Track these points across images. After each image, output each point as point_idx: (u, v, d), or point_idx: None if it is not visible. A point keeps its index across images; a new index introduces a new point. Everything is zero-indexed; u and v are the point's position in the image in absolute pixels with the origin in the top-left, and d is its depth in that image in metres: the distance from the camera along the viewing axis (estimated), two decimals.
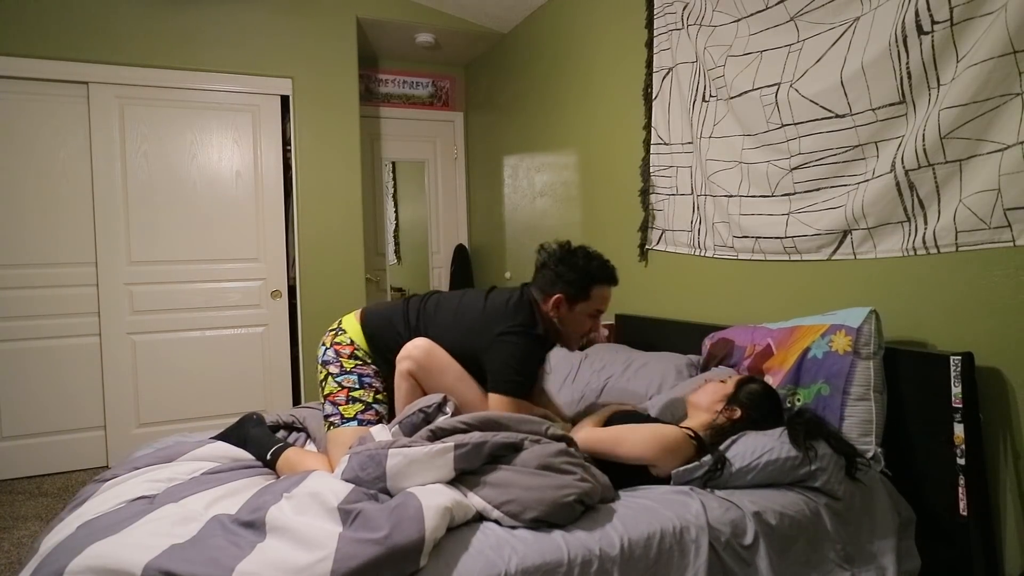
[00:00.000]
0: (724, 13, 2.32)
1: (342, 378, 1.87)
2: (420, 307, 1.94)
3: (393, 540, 1.19)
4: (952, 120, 1.61)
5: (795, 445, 1.58)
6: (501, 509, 1.36)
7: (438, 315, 1.90)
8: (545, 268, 1.87)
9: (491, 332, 1.80)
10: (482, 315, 1.84)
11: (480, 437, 1.47)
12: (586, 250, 1.88)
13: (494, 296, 1.90)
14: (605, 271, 1.86)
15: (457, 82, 4.81)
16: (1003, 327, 1.60)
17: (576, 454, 1.51)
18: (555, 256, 1.86)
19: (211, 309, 3.66)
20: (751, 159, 2.23)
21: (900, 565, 1.57)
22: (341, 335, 1.93)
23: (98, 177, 3.41)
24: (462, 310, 1.88)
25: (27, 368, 3.33)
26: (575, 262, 1.83)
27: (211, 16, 3.58)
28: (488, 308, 1.85)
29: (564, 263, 1.83)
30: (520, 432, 1.52)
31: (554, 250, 1.88)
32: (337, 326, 1.97)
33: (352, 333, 1.92)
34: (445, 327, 1.86)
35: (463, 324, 1.85)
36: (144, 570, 1.13)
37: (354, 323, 1.94)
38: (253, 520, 1.29)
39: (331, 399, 1.86)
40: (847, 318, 1.80)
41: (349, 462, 1.48)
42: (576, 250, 1.87)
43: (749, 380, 1.79)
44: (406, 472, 1.42)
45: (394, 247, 5.00)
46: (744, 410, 1.71)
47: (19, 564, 2.30)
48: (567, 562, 1.28)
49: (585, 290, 1.83)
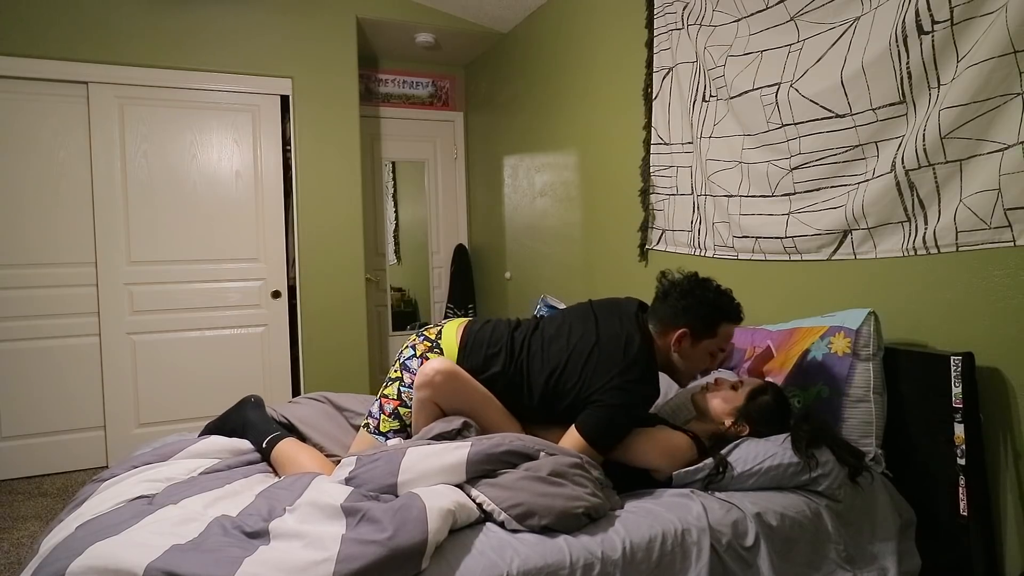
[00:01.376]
0: (724, 13, 2.32)
1: (407, 391, 1.76)
2: (523, 345, 1.78)
3: (396, 541, 1.19)
4: (952, 120, 1.61)
5: (797, 452, 1.58)
6: (509, 512, 1.36)
7: (540, 352, 1.75)
8: (668, 298, 1.74)
9: (601, 379, 1.64)
10: (597, 362, 1.67)
11: (497, 440, 1.49)
12: (716, 283, 1.76)
13: (608, 332, 1.72)
14: (735, 308, 1.74)
15: (457, 82, 4.80)
16: (1003, 327, 1.60)
17: (591, 470, 1.51)
18: (681, 287, 1.74)
19: (211, 309, 3.66)
20: (751, 159, 2.23)
21: (901, 566, 1.58)
22: (436, 352, 1.80)
23: (98, 177, 3.40)
24: (574, 351, 1.71)
25: (27, 368, 3.32)
26: (706, 296, 1.71)
27: (211, 16, 3.57)
28: (603, 354, 1.68)
29: (692, 296, 1.71)
30: (539, 445, 1.53)
31: (679, 280, 1.76)
32: (435, 339, 1.82)
33: (449, 355, 1.79)
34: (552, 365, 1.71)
35: (574, 366, 1.69)
36: (146, 571, 1.13)
37: (453, 344, 1.80)
38: (257, 531, 1.29)
39: (384, 402, 1.79)
40: (846, 320, 1.80)
41: (359, 461, 1.49)
42: (707, 282, 1.75)
43: (761, 391, 1.74)
44: (419, 469, 1.43)
45: (394, 247, 5.00)
46: (753, 426, 1.70)
47: (19, 564, 2.30)
48: (569, 565, 1.28)
49: (713, 326, 1.71)
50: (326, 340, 3.83)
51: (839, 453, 1.59)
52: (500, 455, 1.46)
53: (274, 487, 1.50)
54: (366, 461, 1.50)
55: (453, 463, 1.44)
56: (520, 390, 1.74)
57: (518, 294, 4.17)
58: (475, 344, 1.79)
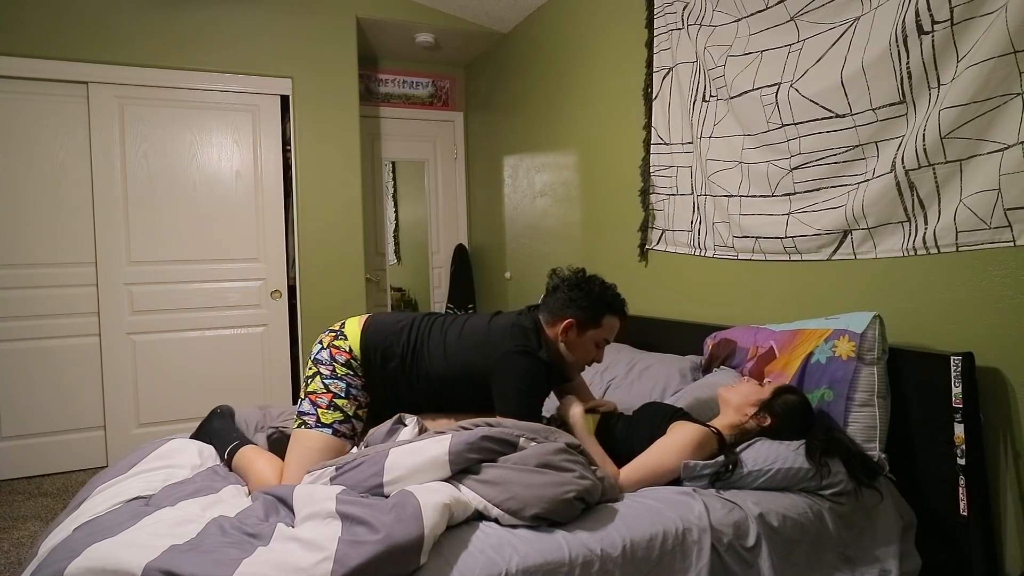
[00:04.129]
0: (724, 13, 2.32)
1: (331, 382, 1.83)
2: (422, 326, 1.90)
3: (393, 538, 1.19)
4: (952, 120, 1.61)
5: (810, 461, 1.57)
6: (501, 507, 1.36)
7: (439, 334, 1.86)
8: (557, 292, 1.85)
9: (495, 352, 1.76)
10: (486, 335, 1.81)
11: (479, 430, 1.49)
12: (601, 279, 1.87)
13: (499, 318, 1.88)
14: (618, 301, 1.86)
15: (457, 82, 4.80)
16: (1003, 327, 1.60)
17: (576, 453, 1.51)
18: (569, 281, 1.85)
19: (211, 309, 3.65)
20: (751, 159, 2.23)
21: (902, 567, 1.57)
22: (341, 340, 1.89)
23: (98, 177, 3.40)
24: (466, 331, 1.85)
25: (27, 368, 3.32)
26: (591, 288, 1.83)
27: (211, 16, 3.57)
28: (492, 329, 1.83)
29: (579, 288, 1.82)
30: (518, 430, 1.52)
31: (568, 275, 1.88)
32: (339, 328, 1.93)
33: (352, 341, 1.88)
34: (446, 346, 1.83)
35: (466, 343, 1.82)
36: (144, 571, 1.13)
37: (356, 331, 1.90)
38: (255, 532, 1.30)
39: (312, 399, 1.82)
40: (851, 323, 1.79)
41: (338, 468, 1.50)
42: (592, 278, 1.87)
43: (788, 390, 1.75)
44: (405, 465, 1.43)
45: (394, 247, 5.00)
46: (776, 419, 1.69)
47: (19, 564, 2.30)
48: (568, 562, 1.28)
49: (597, 317, 1.82)
50: None
51: (852, 469, 1.58)
52: (479, 442, 1.46)
53: (263, 504, 1.49)
54: (346, 467, 1.50)
55: (436, 455, 1.44)
56: (416, 375, 1.84)
57: (518, 294, 4.17)
58: (376, 327, 1.89)
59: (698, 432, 1.64)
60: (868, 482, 1.58)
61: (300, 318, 3.79)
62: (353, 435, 1.83)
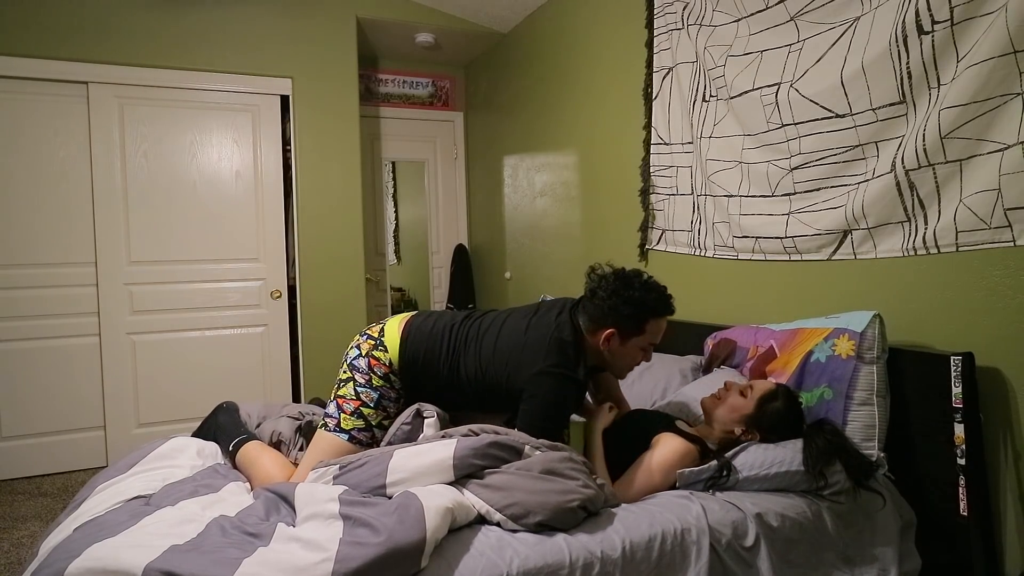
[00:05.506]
0: (724, 13, 2.32)
1: (363, 391, 1.77)
2: (459, 333, 1.80)
3: (394, 540, 1.19)
4: (952, 120, 1.61)
5: (808, 465, 1.57)
6: (504, 512, 1.36)
7: (475, 345, 1.77)
8: (596, 297, 1.72)
9: (528, 370, 1.66)
10: (522, 350, 1.70)
11: (486, 437, 1.49)
12: (643, 279, 1.74)
13: (537, 325, 1.74)
14: (662, 303, 1.73)
15: (457, 82, 4.80)
16: (1003, 327, 1.60)
17: (580, 461, 1.51)
18: (609, 286, 1.71)
19: (211, 309, 3.66)
20: (751, 159, 2.23)
21: (901, 567, 1.57)
22: (381, 351, 1.80)
23: (98, 177, 3.40)
24: (501, 341, 1.74)
25: (27, 368, 3.32)
26: (631, 295, 1.68)
27: (211, 16, 3.57)
28: (529, 341, 1.70)
29: (618, 295, 1.68)
30: (524, 439, 1.53)
31: (608, 276, 1.74)
32: (379, 337, 1.83)
33: (392, 353, 1.80)
34: (481, 359, 1.74)
35: (501, 358, 1.72)
36: (144, 571, 1.13)
37: (395, 340, 1.81)
38: (255, 532, 1.30)
39: (340, 402, 1.78)
40: (850, 322, 1.79)
41: (342, 467, 1.50)
42: (632, 279, 1.72)
43: (771, 397, 1.71)
44: (409, 468, 1.43)
45: (394, 247, 5.00)
46: (764, 434, 1.69)
47: (19, 564, 2.31)
48: (568, 564, 1.28)
49: (640, 324, 1.70)
50: (326, 340, 3.83)
51: (850, 469, 1.57)
52: (485, 448, 1.46)
53: (264, 503, 1.49)
54: (350, 466, 1.50)
55: (440, 459, 1.44)
56: (456, 384, 1.77)
57: (518, 294, 4.17)
58: (416, 336, 1.80)
59: (680, 448, 1.64)
60: (866, 483, 1.58)
61: (300, 318, 3.79)
62: (371, 443, 1.78)
